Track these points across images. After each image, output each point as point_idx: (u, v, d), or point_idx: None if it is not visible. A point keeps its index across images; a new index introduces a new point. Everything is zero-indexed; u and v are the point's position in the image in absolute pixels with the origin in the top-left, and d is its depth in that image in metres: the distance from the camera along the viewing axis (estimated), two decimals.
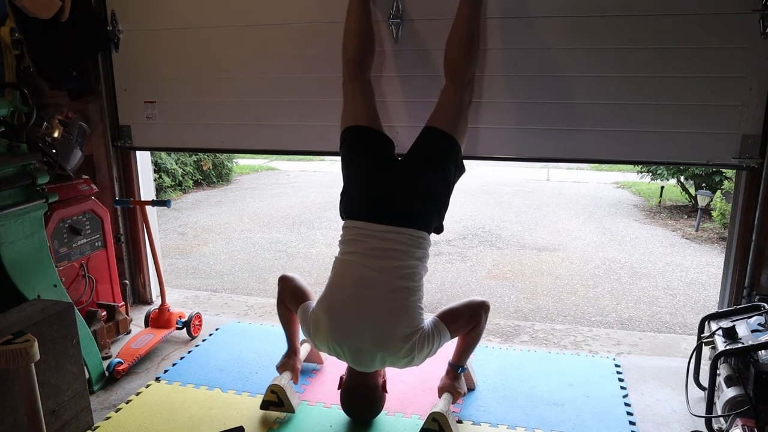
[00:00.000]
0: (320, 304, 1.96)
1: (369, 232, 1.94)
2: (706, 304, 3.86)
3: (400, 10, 2.37)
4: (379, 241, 1.92)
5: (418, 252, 1.94)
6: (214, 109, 2.75)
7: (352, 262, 1.94)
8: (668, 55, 2.20)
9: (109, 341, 2.64)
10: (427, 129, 2.11)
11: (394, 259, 1.90)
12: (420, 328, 1.89)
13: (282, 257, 4.94)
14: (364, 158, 2.11)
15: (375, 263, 1.90)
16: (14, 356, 1.43)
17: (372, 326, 1.86)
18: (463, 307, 2.05)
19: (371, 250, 1.91)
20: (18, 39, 2.62)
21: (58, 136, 2.55)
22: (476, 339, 2.09)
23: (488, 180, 8.80)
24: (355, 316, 1.87)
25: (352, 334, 1.88)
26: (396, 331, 1.85)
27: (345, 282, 1.94)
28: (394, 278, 1.88)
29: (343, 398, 2.06)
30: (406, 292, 1.89)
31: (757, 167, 2.24)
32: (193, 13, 2.66)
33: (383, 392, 2.05)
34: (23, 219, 2.12)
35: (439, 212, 2.03)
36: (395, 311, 1.88)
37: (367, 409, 2.07)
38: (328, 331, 1.90)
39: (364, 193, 2.03)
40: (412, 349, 1.87)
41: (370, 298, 1.88)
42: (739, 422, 1.72)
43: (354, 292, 1.90)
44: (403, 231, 1.92)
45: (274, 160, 11.13)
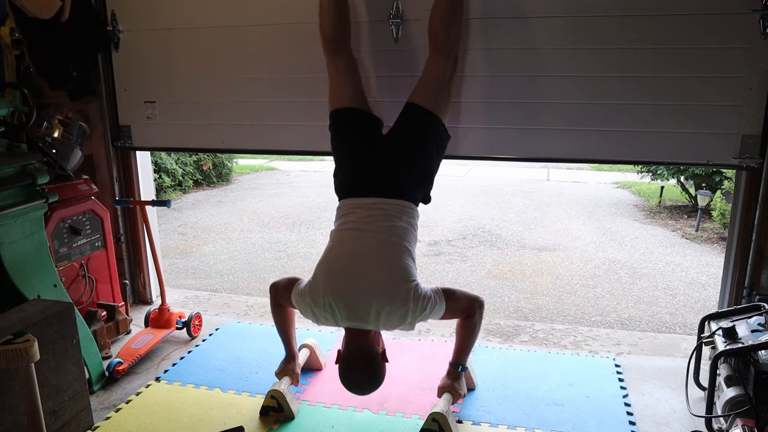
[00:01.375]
0: (318, 267, 2.01)
1: (360, 204, 2.05)
2: (706, 304, 3.86)
3: (399, 10, 2.37)
4: (370, 211, 2.02)
5: (407, 218, 2.03)
6: (214, 109, 2.75)
7: (346, 229, 2.04)
8: (668, 55, 2.20)
9: (109, 341, 2.64)
10: (409, 105, 2.16)
11: (385, 221, 1.99)
12: (415, 281, 1.94)
13: (282, 257, 4.94)
14: (351, 139, 2.20)
15: (368, 226, 1.99)
16: (14, 356, 1.43)
17: (368, 275, 1.91)
18: (463, 295, 2.07)
19: (363, 218, 2.01)
20: (18, 39, 2.61)
21: (58, 136, 2.55)
22: (473, 336, 2.09)
23: (488, 180, 8.81)
24: (352, 267, 1.94)
25: (348, 283, 1.91)
26: (392, 279, 1.92)
27: (341, 245, 2.02)
28: (387, 235, 1.97)
29: (342, 369, 1.97)
30: (399, 248, 1.97)
31: (757, 167, 2.23)
32: (193, 13, 2.66)
33: (383, 361, 1.98)
34: (23, 219, 2.12)
35: (424, 185, 2.12)
36: (390, 263, 1.95)
37: (368, 377, 1.96)
38: (325, 285, 1.93)
39: (353, 172, 2.13)
40: (407, 299, 1.88)
41: (365, 252, 1.96)
42: (739, 422, 1.72)
43: (350, 250, 1.99)
44: (392, 201, 2.03)
45: (274, 160, 11.13)
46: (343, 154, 2.19)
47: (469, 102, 2.42)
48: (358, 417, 2.13)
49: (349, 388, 1.98)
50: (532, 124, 2.39)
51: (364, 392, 2.01)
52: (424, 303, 1.92)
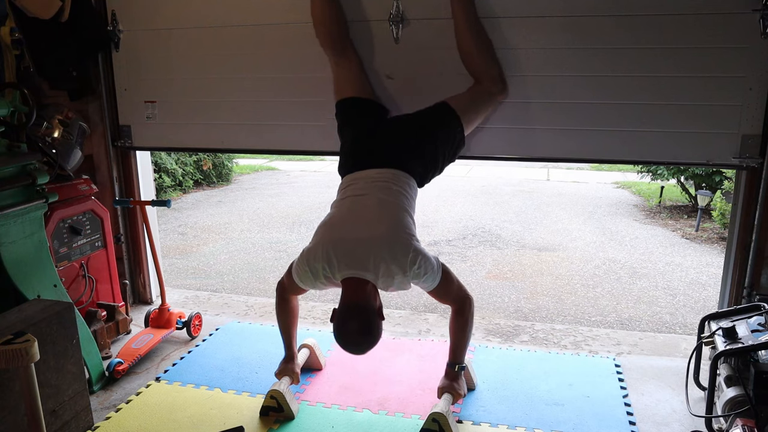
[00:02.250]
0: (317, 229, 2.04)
1: (360, 176, 2.09)
2: (706, 304, 3.86)
3: (400, 10, 2.37)
4: (371, 181, 2.06)
5: (406, 187, 2.07)
6: (214, 109, 2.75)
7: (347, 197, 2.06)
8: (668, 55, 2.20)
9: (109, 341, 2.64)
10: (439, 103, 2.22)
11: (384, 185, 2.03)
12: (416, 237, 1.96)
13: (282, 257, 4.94)
14: (356, 123, 2.27)
15: (367, 191, 2.03)
16: (14, 356, 1.44)
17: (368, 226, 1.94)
18: (457, 283, 2.09)
19: (362, 186, 2.06)
20: (18, 39, 2.62)
21: (58, 136, 2.55)
22: (466, 333, 2.10)
23: (488, 180, 8.81)
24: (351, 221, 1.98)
25: (348, 233, 1.93)
26: (392, 229, 1.94)
27: (342, 208, 2.05)
28: (386, 196, 2.00)
29: (337, 323, 1.87)
30: (399, 207, 2.00)
31: (757, 167, 2.23)
32: (194, 13, 2.66)
33: (379, 318, 1.89)
34: (23, 219, 2.12)
35: (424, 165, 2.15)
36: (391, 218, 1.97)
37: (363, 331, 1.85)
38: (324, 238, 1.96)
39: (357, 150, 2.19)
40: (407, 249, 1.88)
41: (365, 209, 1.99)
42: (739, 422, 1.72)
43: (350, 209, 2.02)
44: (392, 171, 2.07)
45: (274, 160, 11.12)
46: (348, 135, 2.26)
47: None
48: (358, 417, 2.13)
49: (344, 344, 1.88)
50: (532, 123, 2.39)
51: (359, 348, 1.90)
52: (422, 261, 1.89)
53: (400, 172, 2.07)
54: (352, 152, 2.20)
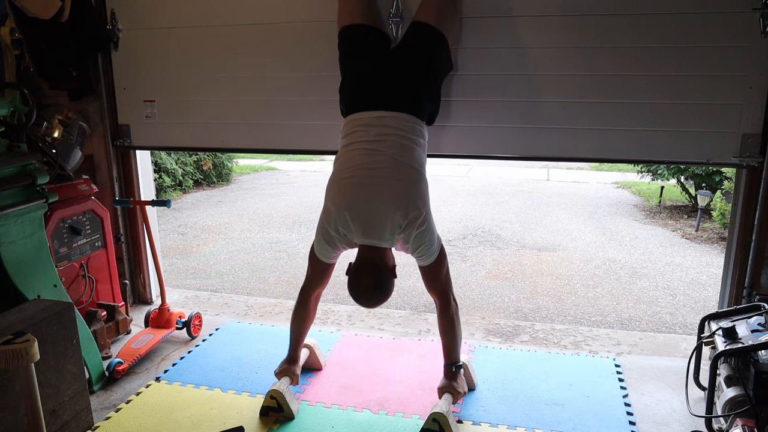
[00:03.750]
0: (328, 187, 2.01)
1: (369, 120, 2.01)
2: (706, 304, 3.86)
3: (399, 9, 2.37)
4: (379, 128, 1.98)
5: (417, 137, 2.02)
6: (214, 108, 2.75)
7: (355, 149, 2.00)
8: (668, 54, 2.20)
9: (109, 341, 2.64)
10: (415, 24, 2.16)
11: (396, 139, 1.96)
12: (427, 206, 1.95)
13: (282, 257, 4.94)
14: (359, 54, 2.18)
15: (379, 146, 1.96)
16: (14, 356, 1.43)
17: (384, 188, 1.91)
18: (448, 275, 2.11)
19: (374, 138, 1.97)
20: (18, 39, 2.62)
21: (58, 136, 2.55)
22: (456, 332, 2.11)
23: (488, 180, 8.81)
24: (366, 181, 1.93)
25: (364, 197, 1.91)
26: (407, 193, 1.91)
27: (352, 161, 1.98)
28: (400, 156, 1.95)
29: (352, 276, 1.94)
30: (413, 172, 1.96)
31: (758, 166, 2.23)
32: (193, 13, 2.66)
33: (392, 275, 1.95)
34: (23, 219, 2.12)
35: (431, 103, 2.11)
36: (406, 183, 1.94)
37: (376, 284, 1.92)
38: (339, 201, 1.93)
39: (361, 86, 2.10)
40: (417, 216, 1.89)
41: (379, 168, 1.93)
42: (739, 422, 1.72)
43: (363, 165, 1.95)
44: (400, 116, 2.00)
45: (274, 160, 11.12)
46: (352, 68, 2.17)
47: (469, 101, 2.42)
48: (358, 417, 2.13)
49: (356, 296, 1.94)
50: (532, 123, 2.39)
51: (369, 301, 1.96)
52: (427, 230, 1.93)
53: (411, 117, 2.00)
54: (358, 88, 2.10)
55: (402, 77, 2.07)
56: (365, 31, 2.20)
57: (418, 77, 2.08)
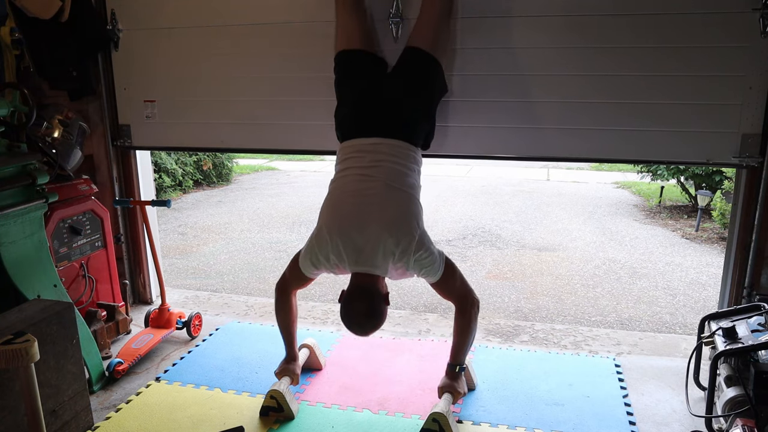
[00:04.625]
0: (322, 211, 2.02)
1: (363, 146, 2.03)
2: (706, 304, 3.86)
3: (399, 9, 2.37)
4: (374, 154, 2.00)
5: (412, 164, 2.04)
6: (214, 108, 2.75)
7: (349, 175, 2.02)
8: (668, 54, 2.20)
9: (109, 341, 2.64)
10: (409, 49, 2.17)
11: (390, 165, 1.98)
12: (422, 229, 1.95)
13: (282, 257, 4.94)
14: (355, 80, 2.19)
15: (373, 172, 1.98)
16: (14, 356, 1.44)
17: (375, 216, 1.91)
18: (462, 279, 2.08)
19: (368, 164, 1.99)
20: (18, 39, 2.62)
21: (58, 136, 2.55)
22: (470, 335, 2.09)
23: (488, 180, 8.81)
24: (359, 208, 1.94)
25: (356, 224, 1.91)
26: (399, 219, 1.92)
27: (346, 187, 2.01)
28: (393, 182, 1.97)
29: (344, 304, 1.93)
30: (406, 195, 1.98)
31: (758, 166, 2.23)
32: (193, 13, 2.66)
33: (385, 303, 1.94)
34: (23, 219, 2.12)
35: (426, 127, 2.13)
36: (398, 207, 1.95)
37: (368, 312, 1.91)
38: (331, 226, 1.94)
39: (356, 112, 2.12)
40: (411, 241, 1.89)
41: (372, 195, 1.95)
42: (739, 422, 1.72)
43: (356, 192, 1.97)
44: (394, 143, 2.01)
45: (274, 160, 11.12)
46: (348, 95, 2.18)
47: (469, 101, 2.42)
48: (358, 417, 2.13)
49: (349, 324, 1.94)
50: (532, 123, 2.39)
51: (362, 329, 1.96)
52: (425, 253, 1.92)
53: (405, 143, 2.02)
54: (353, 114, 2.12)
55: (397, 104, 2.09)
56: (362, 56, 2.21)
57: (412, 104, 2.10)
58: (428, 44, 2.14)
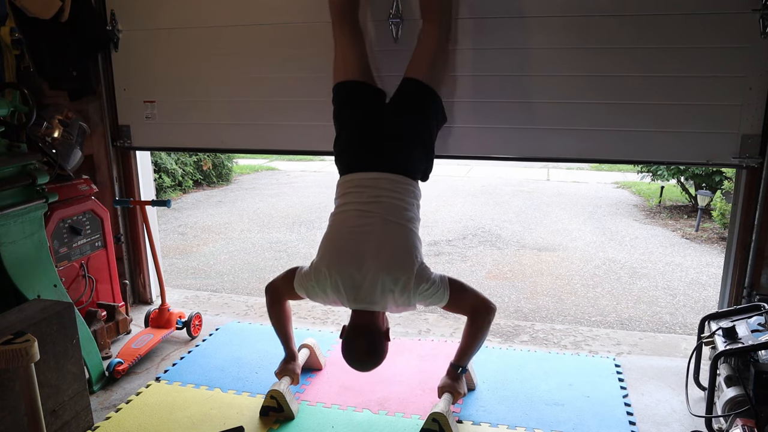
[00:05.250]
0: (321, 247, 2.02)
1: (362, 181, 2.03)
2: (706, 304, 3.86)
3: (399, 9, 2.37)
4: (373, 189, 2.01)
5: (411, 198, 2.04)
6: (214, 109, 2.75)
7: (349, 210, 2.02)
8: (668, 55, 2.20)
9: (109, 341, 2.64)
10: (407, 80, 2.16)
11: (389, 200, 1.99)
12: (421, 261, 1.96)
13: (282, 257, 4.94)
14: (353, 112, 2.18)
15: (372, 207, 1.98)
16: (14, 356, 1.43)
17: (374, 255, 1.91)
18: (472, 291, 2.07)
19: (367, 199, 2.00)
20: (18, 39, 2.62)
21: (58, 136, 2.55)
22: (479, 340, 2.08)
23: (488, 180, 8.81)
24: (357, 246, 1.94)
25: (354, 263, 1.92)
26: (398, 257, 1.93)
27: (345, 223, 2.02)
28: (392, 216, 1.97)
29: (345, 342, 1.97)
30: (404, 229, 1.98)
31: (757, 167, 2.23)
32: (193, 13, 2.66)
33: (386, 339, 1.97)
34: (23, 219, 2.12)
35: (425, 159, 2.13)
36: (396, 243, 1.96)
37: (369, 351, 1.96)
38: (330, 265, 1.94)
39: (354, 147, 2.12)
40: (410, 278, 1.90)
41: (371, 232, 1.95)
42: (739, 422, 1.72)
43: (355, 230, 1.98)
44: (394, 178, 2.02)
45: (274, 160, 11.12)
46: (346, 128, 2.17)
47: (469, 101, 2.42)
48: (358, 417, 2.13)
49: (351, 362, 1.98)
50: (532, 123, 2.39)
51: (364, 367, 1.99)
52: (426, 285, 1.92)
53: (404, 178, 2.03)
54: (352, 147, 2.12)
55: (396, 139, 2.08)
56: (360, 87, 2.20)
57: (411, 138, 2.09)
58: (426, 75, 2.13)
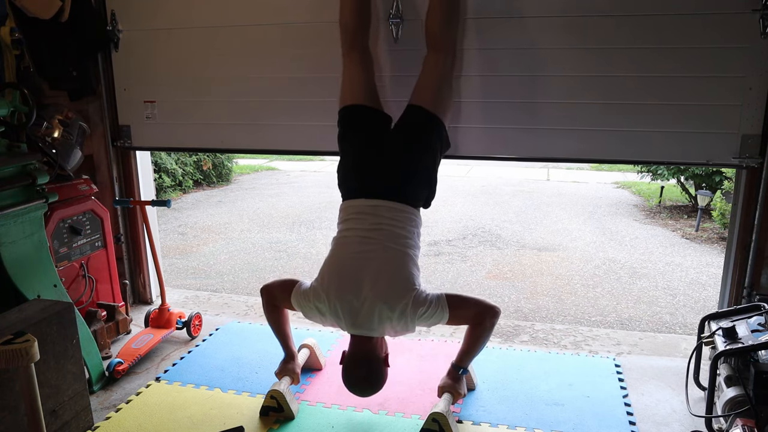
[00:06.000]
0: (322, 271, 2.03)
1: (364, 208, 2.04)
2: (706, 304, 3.86)
3: (399, 9, 2.37)
4: (374, 217, 2.02)
5: (411, 226, 2.05)
6: (214, 109, 2.75)
7: (350, 237, 2.04)
8: (668, 55, 2.20)
9: (109, 341, 2.64)
10: (411, 108, 2.15)
11: (390, 228, 2.00)
12: (417, 288, 1.96)
13: (282, 257, 4.94)
14: (357, 136, 2.19)
15: (373, 234, 2.00)
16: (14, 356, 1.43)
17: (372, 283, 1.93)
18: (472, 301, 2.07)
19: (369, 227, 2.01)
20: (18, 39, 2.62)
21: (58, 136, 2.55)
22: (481, 342, 2.08)
23: (488, 180, 8.81)
24: (357, 274, 1.96)
25: (353, 291, 1.94)
26: (396, 287, 1.94)
27: (346, 249, 2.04)
28: (392, 244, 1.99)
29: (345, 370, 2.01)
30: (404, 256, 2.00)
31: (757, 167, 2.23)
32: (193, 13, 2.66)
33: (385, 365, 2.01)
34: (23, 219, 2.12)
35: (427, 188, 2.13)
36: (395, 272, 1.97)
37: (369, 380, 2.00)
38: (329, 290, 1.96)
39: (357, 171, 2.13)
40: (406, 306, 1.91)
41: (371, 260, 1.97)
42: (739, 422, 1.72)
43: (356, 257, 2.00)
44: (394, 206, 2.03)
45: (274, 160, 11.12)
46: (350, 152, 2.18)
47: (469, 102, 2.42)
48: (358, 417, 2.13)
49: (351, 388, 2.03)
50: (532, 123, 2.39)
51: (364, 394, 2.06)
52: (423, 309, 1.94)
53: (405, 207, 2.04)
54: (355, 173, 2.12)
55: (398, 166, 2.08)
56: (365, 112, 2.20)
57: (413, 167, 2.08)
58: (430, 103, 2.13)
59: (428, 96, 2.14)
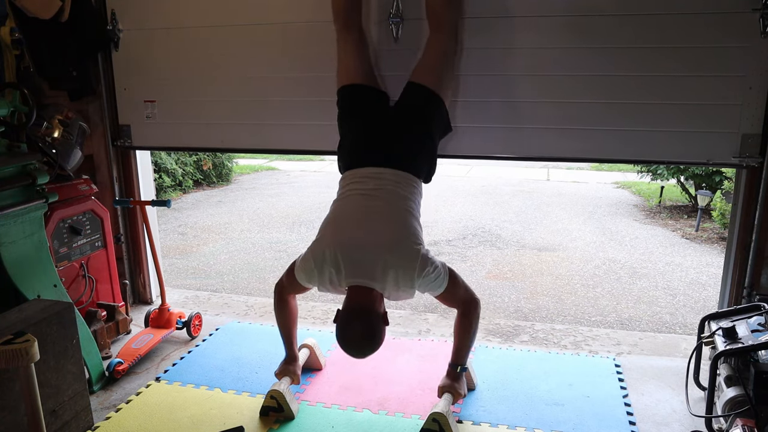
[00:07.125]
0: (323, 226, 2.01)
1: (367, 174, 2.03)
2: (706, 304, 3.86)
3: (399, 9, 2.37)
4: (377, 181, 2.01)
5: (413, 189, 2.04)
6: (214, 108, 2.75)
7: (352, 195, 2.02)
8: (668, 54, 2.20)
9: (109, 341, 2.64)
10: (412, 85, 2.16)
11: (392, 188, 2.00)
12: (423, 245, 1.95)
13: (282, 257, 4.94)
14: (359, 115, 2.19)
15: (375, 192, 1.99)
16: (14, 356, 1.43)
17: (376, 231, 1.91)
18: (464, 285, 2.08)
19: (371, 188, 2.00)
20: (18, 39, 2.62)
21: (58, 136, 2.55)
22: (470, 335, 2.09)
23: (488, 180, 8.80)
24: (360, 223, 1.94)
25: (356, 238, 1.90)
26: (401, 237, 1.92)
27: (347, 205, 2.02)
28: (395, 200, 1.98)
29: (340, 325, 1.85)
30: (407, 213, 1.98)
31: (757, 166, 2.23)
32: (193, 13, 2.66)
33: (383, 323, 1.88)
34: (23, 219, 2.12)
35: (428, 162, 2.13)
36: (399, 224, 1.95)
37: (365, 334, 1.85)
38: (331, 240, 1.92)
39: (360, 146, 2.13)
40: (415, 259, 1.87)
41: (373, 212, 1.96)
42: (739, 422, 1.72)
43: (358, 209, 1.98)
44: (397, 172, 2.02)
45: (274, 160, 11.12)
46: (350, 131, 2.18)
47: (469, 101, 2.42)
48: (358, 417, 2.13)
49: (345, 346, 1.87)
50: (532, 123, 2.39)
51: (360, 352, 1.90)
52: (430, 269, 1.90)
53: (408, 174, 2.03)
54: (355, 149, 2.13)
55: (399, 140, 2.08)
56: (364, 90, 2.20)
57: (415, 141, 2.10)
58: (431, 81, 2.13)
59: (430, 74, 2.15)
